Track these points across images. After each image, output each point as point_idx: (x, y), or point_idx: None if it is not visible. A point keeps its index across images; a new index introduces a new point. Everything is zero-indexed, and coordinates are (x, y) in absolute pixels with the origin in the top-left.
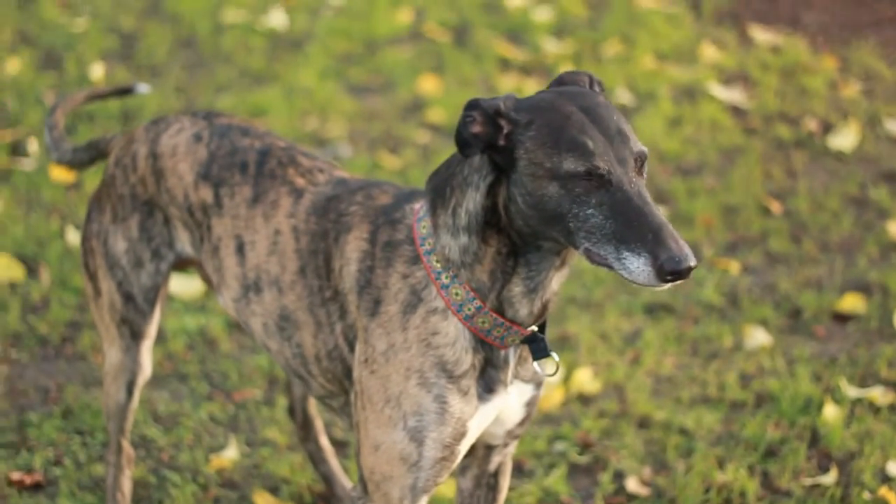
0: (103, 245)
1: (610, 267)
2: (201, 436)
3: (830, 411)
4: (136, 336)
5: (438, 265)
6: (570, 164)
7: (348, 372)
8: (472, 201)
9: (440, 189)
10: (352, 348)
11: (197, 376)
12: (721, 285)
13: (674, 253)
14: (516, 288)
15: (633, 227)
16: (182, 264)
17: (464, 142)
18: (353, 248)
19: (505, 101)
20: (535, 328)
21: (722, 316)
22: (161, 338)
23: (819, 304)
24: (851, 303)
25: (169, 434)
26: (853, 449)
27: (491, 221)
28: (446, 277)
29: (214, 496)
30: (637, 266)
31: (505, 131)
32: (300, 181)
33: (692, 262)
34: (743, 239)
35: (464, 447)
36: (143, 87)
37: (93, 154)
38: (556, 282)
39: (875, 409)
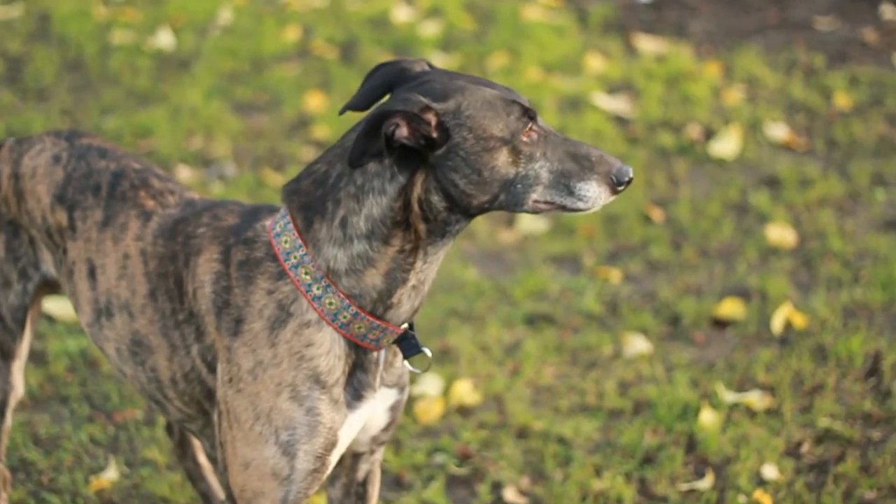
0: None
1: (561, 207)
2: (81, 457)
3: (707, 417)
4: (5, 356)
5: (308, 277)
6: (516, 123)
7: (208, 393)
8: (376, 206)
9: (314, 204)
10: (210, 369)
11: (78, 398)
12: (602, 294)
13: (619, 165)
14: (409, 283)
15: (577, 161)
16: (51, 285)
17: (374, 152)
18: (205, 269)
19: (415, 97)
20: (406, 326)
21: (602, 325)
22: (42, 360)
23: (698, 310)
24: (730, 308)
25: (49, 456)
26: (729, 453)
27: (399, 220)
28: (318, 289)
29: None
30: (593, 191)
31: (434, 123)
32: (150, 203)
33: (632, 170)
34: (624, 247)
35: (334, 457)
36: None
37: None
38: (435, 272)
39: (752, 413)
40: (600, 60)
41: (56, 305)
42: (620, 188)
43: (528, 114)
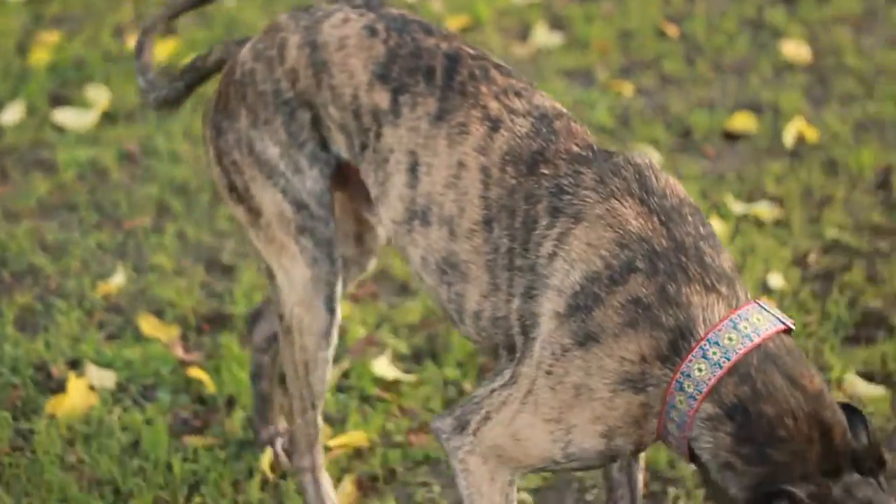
0: (250, 154)
1: None
2: (89, 263)
3: (716, 226)
4: (320, 244)
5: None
6: None
7: (508, 344)
8: None
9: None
10: (523, 331)
11: (87, 206)
12: (614, 107)
13: None
14: None
15: None
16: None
17: None
18: (585, 254)
19: None
20: None
21: (613, 137)
22: (51, 169)
23: (710, 123)
24: (742, 122)
25: (57, 262)
26: (737, 262)
27: None
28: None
29: (99, 320)
30: None
31: None
32: (494, 105)
33: None
34: (637, 62)
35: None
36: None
37: (193, 77)
38: None
39: (760, 224)
40: None
41: (64, 116)
42: None
43: None
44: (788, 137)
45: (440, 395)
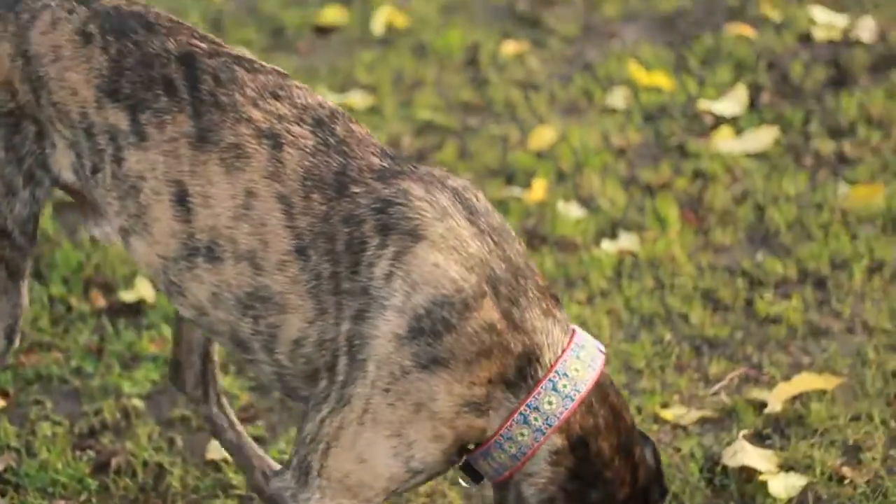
0: None
1: None
2: None
3: None
4: (14, 275)
5: (538, 423)
6: None
7: (331, 366)
8: None
9: None
10: (349, 351)
11: None
12: (206, 12)
13: None
14: None
15: None
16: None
17: None
18: (431, 276)
19: None
20: None
21: None
22: None
23: (301, 19)
24: (332, 15)
25: None
26: None
27: None
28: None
29: None
30: None
31: None
32: (258, 116)
33: None
34: None
35: None
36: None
37: None
38: None
39: (353, 112)
40: None
41: None
42: None
43: None
44: (378, 26)
45: (47, 313)
